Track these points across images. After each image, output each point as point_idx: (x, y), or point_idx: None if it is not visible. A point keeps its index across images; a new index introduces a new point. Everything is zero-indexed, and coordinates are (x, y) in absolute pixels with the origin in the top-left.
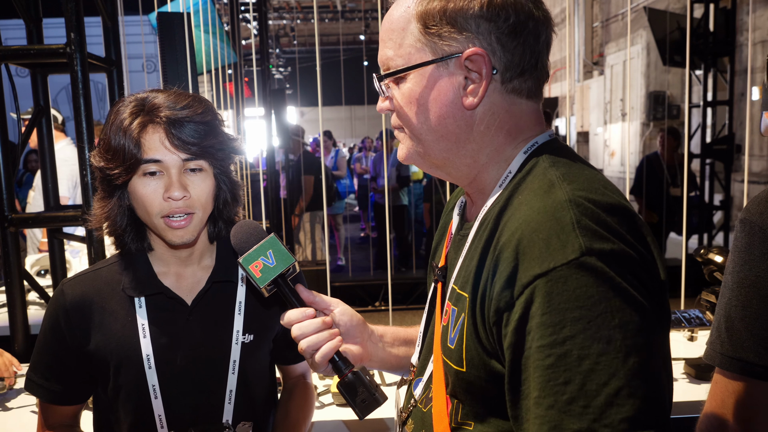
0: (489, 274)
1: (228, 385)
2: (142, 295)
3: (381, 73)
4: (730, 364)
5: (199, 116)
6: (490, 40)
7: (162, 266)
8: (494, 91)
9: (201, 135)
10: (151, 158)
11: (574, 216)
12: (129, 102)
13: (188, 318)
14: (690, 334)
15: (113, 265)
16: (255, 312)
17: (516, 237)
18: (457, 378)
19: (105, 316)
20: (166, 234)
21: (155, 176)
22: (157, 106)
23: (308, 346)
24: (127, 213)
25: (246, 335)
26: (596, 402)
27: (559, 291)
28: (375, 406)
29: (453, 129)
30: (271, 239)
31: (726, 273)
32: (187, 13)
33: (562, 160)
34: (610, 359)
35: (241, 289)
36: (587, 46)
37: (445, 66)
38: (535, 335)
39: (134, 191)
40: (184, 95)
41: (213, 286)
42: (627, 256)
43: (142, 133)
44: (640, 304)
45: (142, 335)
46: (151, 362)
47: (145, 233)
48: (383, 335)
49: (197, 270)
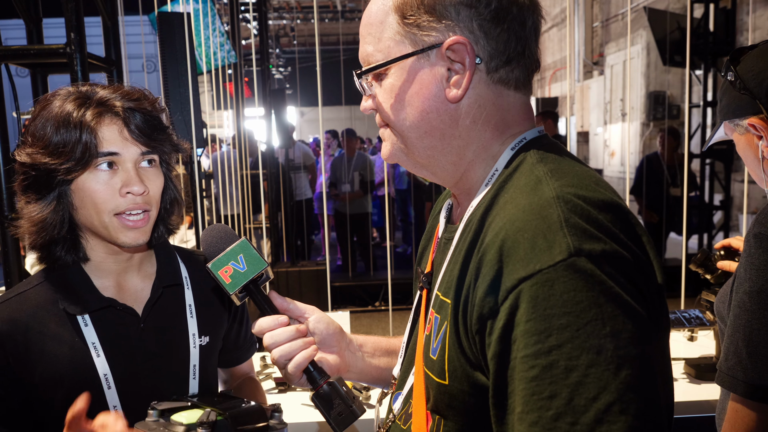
0: (472, 278)
1: (190, 390)
2: (87, 312)
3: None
4: (754, 392)
5: (152, 108)
6: (471, 28)
7: (100, 277)
8: (479, 82)
9: (155, 127)
10: (108, 151)
11: (562, 214)
12: (66, 95)
13: (142, 328)
14: (690, 334)
15: (41, 285)
16: (206, 313)
17: (500, 238)
18: (439, 391)
19: (46, 340)
20: (118, 235)
21: (109, 170)
22: (108, 98)
23: (281, 355)
24: (67, 218)
25: (202, 337)
26: (585, 419)
27: (545, 296)
28: (352, 419)
29: (437, 124)
30: (242, 243)
31: (739, 291)
32: (187, 13)
33: (550, 155)
34: (600, 371)
35: (188, 291)
36: (587, 46)
37: (426, 58)
38: (520, 344)
39: (82, 189)
40: (128, 88)
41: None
42: (620, 257)
43: (98, 124)
44: (633, 310)
45: (95, 354)
46: (109, 381)
47: (80, 241)
48: (363, 345)
49: (137, 278)
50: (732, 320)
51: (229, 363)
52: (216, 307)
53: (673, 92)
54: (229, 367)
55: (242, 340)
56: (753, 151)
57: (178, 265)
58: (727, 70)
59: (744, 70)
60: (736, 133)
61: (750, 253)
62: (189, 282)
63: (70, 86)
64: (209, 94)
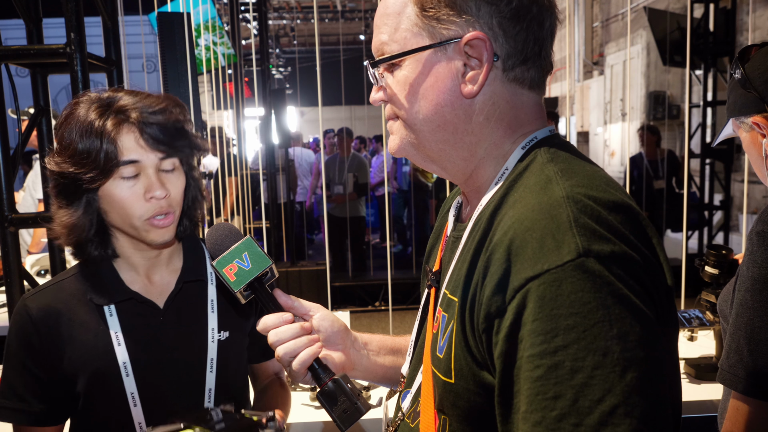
0: (480, 276)
1: (207, 383)
2: (112, 303)
3: (375, 60)
4: (756, 390)
5: (169, 114)
6: (491, 24)
7: (129, 272)
8: (495, 79)
9: (172, 133)
10: (129, 159)
11: (572, 214)
12: (89, 102)
13: (161, 321)
14: (690, 334)
15: (75, 276)
16: (228, 308)
17: (508, 236)
18: (445, 390)
19: (74, 327)
20: (148, 235)
21: (131, 178)
22: (126, 106)
23: (285, 352)
24: (96, 220)
25: (221, 332)
26: (589, 420)
27: (553, 296)
28: (357, 416)
29: (450, 118)
30: (246, 241)
31: (741, 290)
32: (187, 13)
33: (561, 155)
34: (605, 373)
35: (212, 287)
36: (587, 46)
37: (444, 51)
38: (526, 344)
39: (109, 195)
40: (151, 94)
41: (184, 286)
42: (629, 258)
43: (118, 133)
44: (641, 312)
45: (117, 343)
46: (128, 370)
47: (110, 240)
48: (368, 343)
49: (165, 272)
50: (734, 318)
51: (255, 358)
52: (244, 304)
53: (673, 92)
54: (256, 362)
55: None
56: (757, 149)
57: (204, 261)
58: (736, 67)
59: (751, 68)
60: (742, 130)
61: (753, 251)
62: (214, 277)
63: (95, 91)
64: (209, 94)
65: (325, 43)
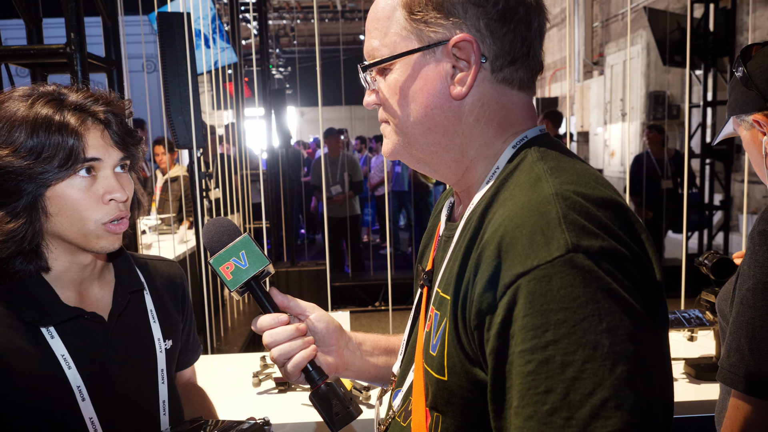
0: (471, 274)
1: (161, 395)
2: (52, 324)
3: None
4: (756, 388)
5: (125, 112)
6: (478, 26)
7: (60, 287)
8: (484, 80)
9: (131, 133)
10: (92, 156)
11: (561, 210)
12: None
13: (109, 336)
14: (690, 334)
15: None
16: (165, 316)
17: (499, 234)
18: (438, 388)
19: (12, 357)
20: (99, 242)
21: (87, 176)
22: (84, 102)
23: (280, 354)
24: (39, 227)
25: (166, 341)
26: (580, 413)
27: (543, 291)
28: (349, 420)
29: (440, 120)
30: (244, 239)
31: (742, 288)
32: (187, 13)
33: (551, 153)
34: (596, 367)
35: (148, 296)
36: (587, 46)
37: (432, 54)
38: (517, 339)
39: (61, 196)
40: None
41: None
42: (618, 254)
43: (84, 129)
44: (631, 307)
45: (66, 367)
46: (83, 393)
47: (41, 251)
48: (362, 343)
49: (97, 286)
50: (734, 317)
51: (178, 367)
52: (171, 310)
53: (673, 92)
54: (177, 371)
55: (191, 343)
56: (757, 147)
57: (135, 268)
58: (737, 66)
59: (753, 67)
60: (742, 128)
61: (754, 250)
62: (147, 287)
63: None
64: (209, 94)
65: (325, 43)
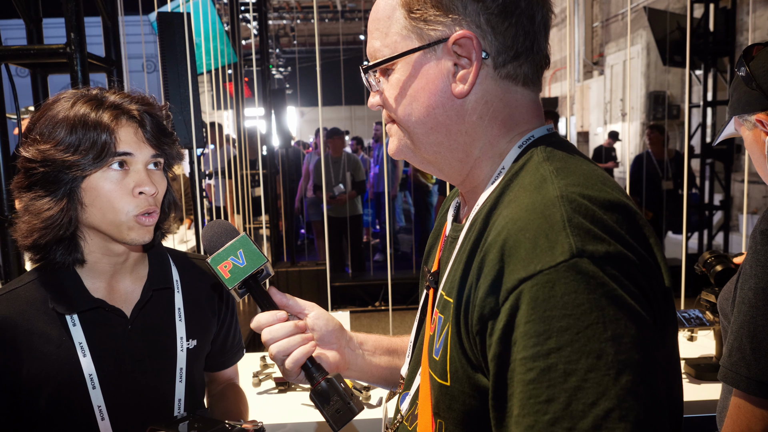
0: (474, 277)
1: (176, 393)
2: (75, 312)
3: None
4: (758, 388)
5: (161, 113)
6: (479, 22)
7: (92, 279)
8: (486, 77)
9: (166, 133)
10: (124, 151)
11: (566, 213)
12: (73, 97)
13: (128, 330)
14: (690, 334)
15: (32, 283)
16: (195, 316)
17: (502, 237)
18: (441, 393)
19: (34, 338)
20: (130, 233)
21: (120, 170)
22: (121, 102)
23: (278, 351)
24: (75, 216)
25: (190, 341)
26: (582, 424)
27: (546, 297)
28: (350, 416)
29: (443, 120)
30: (242, 238)
31: (744, 288)
32: (187, 13)
33: (558, 153)
34: (599, 376)
35: (178, 295)
36: (587, 46)
37: (433, 52)
38: (519, 346)
39: (95, 188)
40: (136, 93)
41: (152, 294)
42: (624, 259)
43: (117, 125)
44: (637, 314)
45: (82, 354)
46: (94, 382)
47: (78, 243)
48: (363, 343)
49: (129, 280)
50: (736, 316)
51: (214, 367)
52: (205, 311)
53: (673, 92)
54: (214, 371)
55: (229, 344)
56: (759, 147)
57: (170, 268)
58: (740, 65)
59: (756, 66)
60: (744, 128)
61: (756, 249)
62: (180, 285)
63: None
64: (209, 94)
65: (325, 43)
